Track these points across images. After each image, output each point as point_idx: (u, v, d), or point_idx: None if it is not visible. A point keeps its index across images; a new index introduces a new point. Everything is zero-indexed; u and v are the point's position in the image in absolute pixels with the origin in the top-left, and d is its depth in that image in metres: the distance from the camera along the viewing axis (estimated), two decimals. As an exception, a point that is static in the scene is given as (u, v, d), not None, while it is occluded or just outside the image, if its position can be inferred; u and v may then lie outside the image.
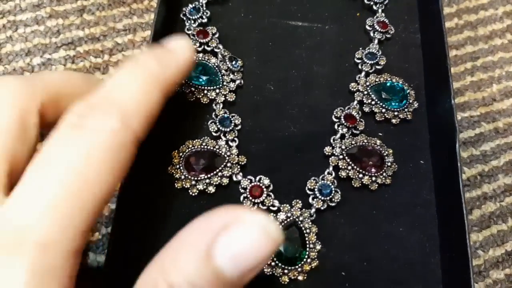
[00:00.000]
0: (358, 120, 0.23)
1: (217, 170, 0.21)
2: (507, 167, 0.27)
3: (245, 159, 0.21)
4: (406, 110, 0.23)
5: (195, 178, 0.21)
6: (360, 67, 0.24)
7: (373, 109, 0.23)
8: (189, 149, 0.21)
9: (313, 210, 0.21)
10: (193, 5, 0.25)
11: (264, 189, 0.21)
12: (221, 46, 0.24)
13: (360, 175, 0.21)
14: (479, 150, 0.27)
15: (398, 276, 0.20)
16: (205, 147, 0.21)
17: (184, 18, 0.25)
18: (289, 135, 0.23)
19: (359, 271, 0.20)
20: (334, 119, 0.23)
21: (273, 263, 0.19)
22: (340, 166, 0.21)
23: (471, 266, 0.18)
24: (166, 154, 0.21)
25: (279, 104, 0.23)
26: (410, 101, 0.23)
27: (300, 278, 0.19)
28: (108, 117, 0.15)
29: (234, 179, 0.21)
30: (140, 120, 0.16)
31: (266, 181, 0.21)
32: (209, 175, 0.21)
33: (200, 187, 0.21)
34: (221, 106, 0.23)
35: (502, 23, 0.31)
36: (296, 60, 0.25)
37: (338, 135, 0.22)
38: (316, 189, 0.21)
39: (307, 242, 0.20)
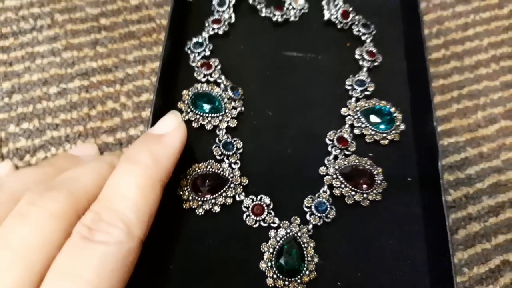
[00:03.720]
0: (349, 142, 0.25)
1: (222, 191, 0.23)
2: (491, 189, 0.28)
3: (247, 180, 0.23)
4: (393, 132, 0.25)
5: (202, 199, 0.23)
6: (350, 93, 0.26)
7: (363, 131, 0.25)
8: (195, 172, 0.23)
9: (310, 226, 0.23)
10: (197, 40, 0.28)
11: (265, 208, 0.23)
12: (223, 77, 0.26)
13: (353, 193, 0.23)
14: (464, 174, 0.28)
15: (389, 285, 0.22)
16: (210, 169, 0.23)
17: (189, 52, 0.27)
18: (287, 157, 0.25)
19: (354, 281, 0.22)
20: (328, 142, 0.25)
21: (275, 276, 0.21)
22: (334, 185, 0.23)
23: (454, 273, 0.20)
24: (174, 177, 0.23)
25: (277, 128, 0.26)
26: (397, 123, 0.25)
27: (299, 288, 0.21)
28: (113, 230, 0.17)
29: (237, 198, 0.23)
30: (142, 225, 0.18)
31: (267, 200, 0.23)
32: (214, 196, 0.23)
33: (206, 207, 0.23)
34: (224, 131, 0.25)
35: (487, 54, 0.33)
36: (292, 87, 0.27)
37: (332, 156, 0.24)
38: (312, 207, 0.23)
39: (306, 255, 0.22)
